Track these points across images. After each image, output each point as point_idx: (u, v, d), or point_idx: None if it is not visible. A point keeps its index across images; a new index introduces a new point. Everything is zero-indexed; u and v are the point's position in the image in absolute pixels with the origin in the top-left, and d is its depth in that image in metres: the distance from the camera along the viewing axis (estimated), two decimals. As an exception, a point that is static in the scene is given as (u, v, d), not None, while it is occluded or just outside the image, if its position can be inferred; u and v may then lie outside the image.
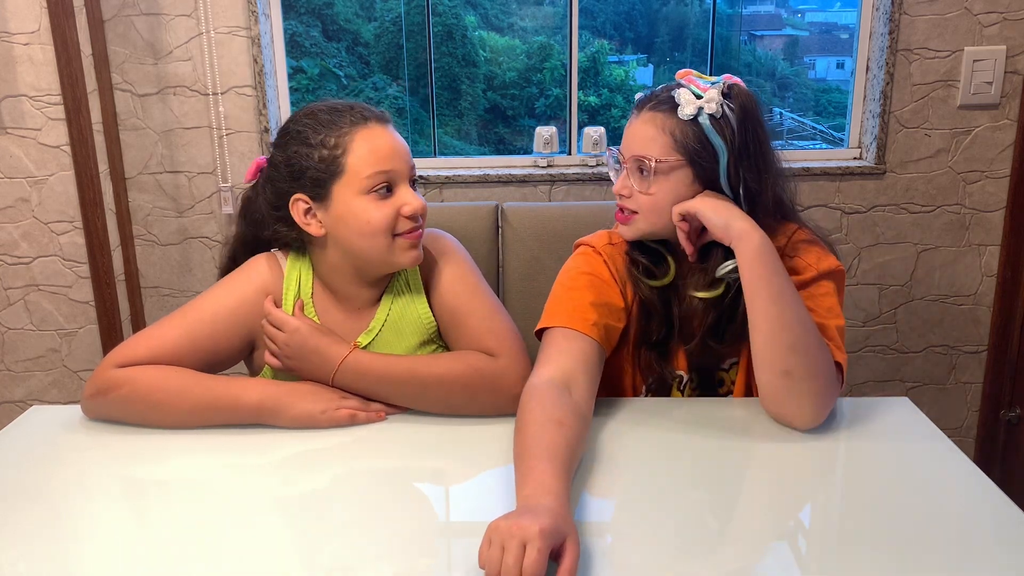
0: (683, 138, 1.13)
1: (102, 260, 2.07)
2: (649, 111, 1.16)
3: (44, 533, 0.91)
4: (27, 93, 2.07)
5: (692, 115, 1.12)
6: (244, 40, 2.04)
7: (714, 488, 0.99)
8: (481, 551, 0.80)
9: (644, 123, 1.15)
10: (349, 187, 1.14)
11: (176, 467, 1.05)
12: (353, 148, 1.14)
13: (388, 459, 1.08)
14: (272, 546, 0.88)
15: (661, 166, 1.14)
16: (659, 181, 1.14)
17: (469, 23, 2.54)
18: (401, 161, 1.16)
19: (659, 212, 1.16)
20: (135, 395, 1.11)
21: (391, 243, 1.15)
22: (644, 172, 1.15)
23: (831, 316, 1.17)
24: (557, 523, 0.81)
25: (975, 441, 2.31)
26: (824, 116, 2.52)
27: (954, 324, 2.21)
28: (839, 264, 1.22)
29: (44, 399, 2.29)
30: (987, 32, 2.00)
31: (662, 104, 1.15)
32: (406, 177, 1.16)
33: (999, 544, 0.87)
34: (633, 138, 1.16)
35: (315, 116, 1.16)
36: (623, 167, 1.18)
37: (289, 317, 1.17)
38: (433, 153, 2.26)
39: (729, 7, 2.46)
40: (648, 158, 1.14)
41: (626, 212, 1.18)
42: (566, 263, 1.27)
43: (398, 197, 1.15)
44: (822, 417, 1.10)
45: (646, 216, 1.16)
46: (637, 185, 1.16)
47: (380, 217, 1.13)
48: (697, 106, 1.12)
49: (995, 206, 2.11)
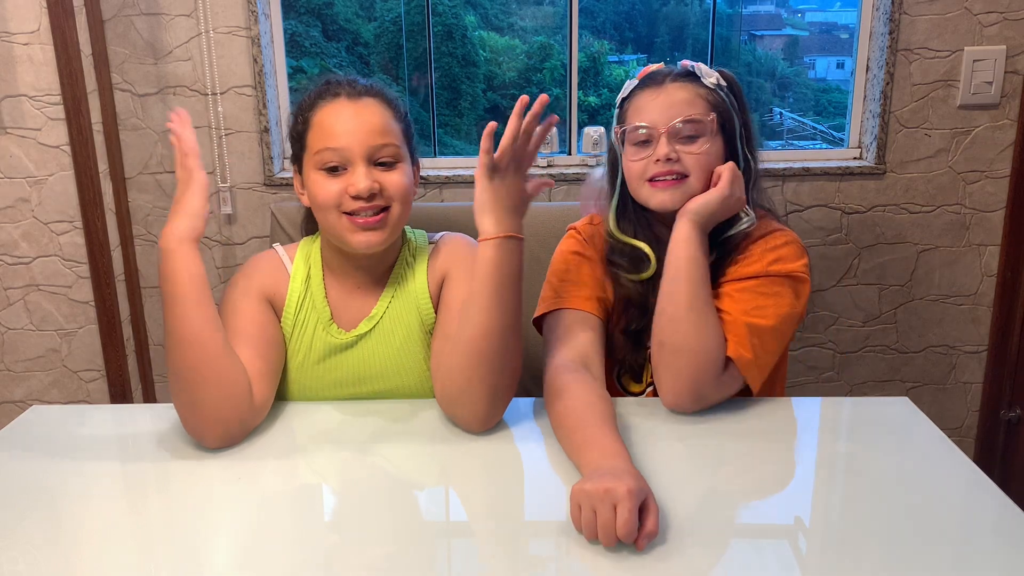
0: (716, 102, 1.20)
1: (102, 260, 2.06)
2: (674, 81, 1.21)
3: (44, 533, 0.91)
4: (27, 93, 2.07)
5: (716, 84, 1.21)
6: (244, 40, 2.04)
7: (713, 487, 0.99)
8: (573, 516, 0.87)
9: (677, 90, 1.21)
10: (309, 161, 1.18)
11: (175, 467, 1.05)
12: (313, 124, 1.18)
13: (389, 460, 1.08)
14: (272, 546, 0.88)
15: (712, 124, 1.19)
16: (707, 141, 1.19)
17: (469, 23, 2.54)
18: (352, 139, 1.14)
19: (709, 171, 1.20)
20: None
21: (339, 220, 1.16)
22: (691, 136, 1.19)
23: (754, 314, 1.15)
24: (640, 483, 0.87)
25: (975, 441, 2.31)
26: (824, 116, 2.52)
27: (954, 324, 2.21)
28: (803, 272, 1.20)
29: (44, 399, 2.29)
30: (987, 32, 2.00)
31: (683, 76, 1.22)
32: (361, 156, 1.14)
33: (999, 544, 0.87)
34: (671, 105, 1.19)
35: (307, 90, 1.22)
36: (657, 137, 1.19)
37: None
38: (433, 153, 2.26)
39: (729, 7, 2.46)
40: (701, 118, 1.19)
41: (672, 177, 1.19)
42: (563, 242, 1.34)
43: (350, 175, 1.15)
44: (693, 399, 1.12)
45: (699, 176, 1.19)
46: (685, 148, 1.19)
47: (325, 194, 1.15)
48: (716, 76, 1.22)
49: (995, 206, 2.11)
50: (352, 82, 1.19)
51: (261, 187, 2.13)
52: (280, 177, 2.12)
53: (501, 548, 0.88)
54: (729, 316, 1.15)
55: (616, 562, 0.84)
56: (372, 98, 1.18)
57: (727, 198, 1.17)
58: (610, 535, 0.84)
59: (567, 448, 1.02)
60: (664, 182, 1.19)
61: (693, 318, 1.13)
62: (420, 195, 2.12)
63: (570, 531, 0.88)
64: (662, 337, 1.15)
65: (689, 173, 1.19)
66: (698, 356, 1.11)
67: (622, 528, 0.83)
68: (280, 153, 2.16)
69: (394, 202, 1.16)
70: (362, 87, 1.18)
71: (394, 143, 1.17)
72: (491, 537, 0.91)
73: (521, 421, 1.14)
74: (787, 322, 1.17)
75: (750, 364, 1.13)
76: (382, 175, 1.15)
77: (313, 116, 1.17)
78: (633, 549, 0.85)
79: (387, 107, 1.19)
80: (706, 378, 1.12)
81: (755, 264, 1.19)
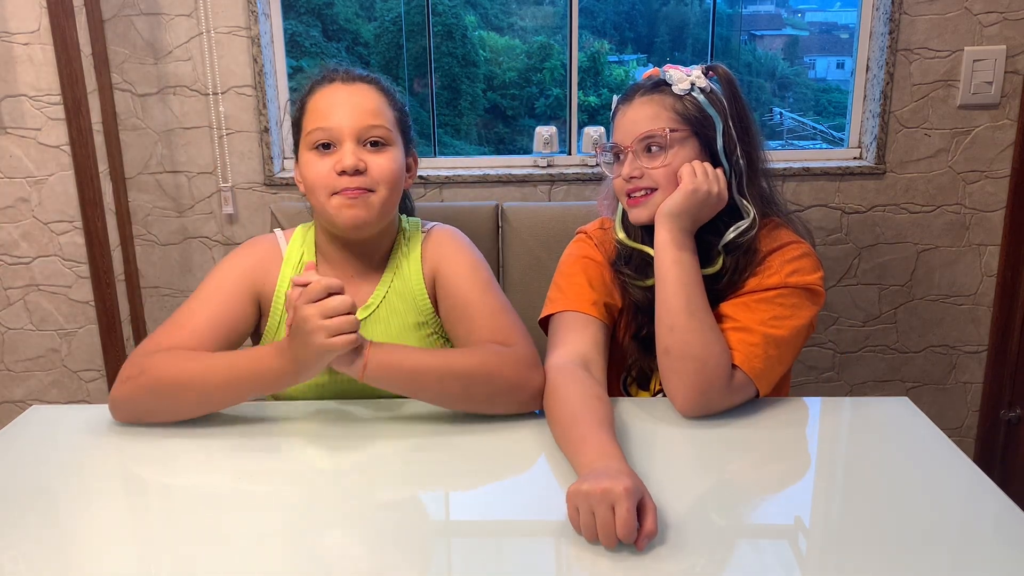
0: (684, 111, 1.19)
1: (102, 260, 2.06)
2: (642, 96, 1.21)
3: (43, 533, 0.91)
4: (27, 93, 2.07)
5: (687, 90, 1.19)
6: (244, 40, 2.04)
7: (713, 487, 0.99)
8: (571, 517, 0.87)
9: (642, 105, 1.20)
10: (303, 143, 1.19)
11: (176, 466, 1.05)
12: (308, 107, 1.20)
13: (386, 459, 1.08)
14: (271, 547, 0.88)
15: (674, 136, 1.18)
16: (672, 152, 1.18)
17: (469, 23, 2.54)
18: (344, 117, 1.16)
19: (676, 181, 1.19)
20: (161, 380, 1.10)
21: (329, 200, 1.17)
22: (654, 149, 1.19)
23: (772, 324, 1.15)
24: (635, 482, 0.87)
25: (975, 441, 2.31)
26: (824, 116, 2.52)
27: (954, 324, 2.21)
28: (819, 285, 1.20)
29: (44, 399, 2.29)
30: (987, 32, 2.00)
31: (653, 88, 1.21)
32: (351, 135, 1.16)
33: (999, 544, 0.87)
34: (634, 122, 1.20)
35: (308, 78, 1.24)
36: (625, 153, 1.21)
37: (326, 282, 1.11)
38: (433, 153, 2.26)
39: (729, 7, 2.46)
40: (659, 131, 1.18)
41: (641, 193, 1.20)
42: (570, 246, 1.35)
43: (338, 153, 1.16)
44: (699, 405, 1.11)
45: (666, 187, 1.19)
46: (648, 163, 1.19)
47: (316, 173, 1.17)
48: (689, 81, 1.20)
49: (995, 206, 2.11)
50: (348, 69, 1.22)
51: (261, 187, 2.13)
52: (280, 177, 2.12)
53: (501, 548, 0.88)
54: (746, 326, 1.15)
55: (616, 562, 0.84)
56: (366, 84, 1.21)
57: (692, 193, 1.15)
58: (610, 535, 0.83)
59: (563, 446, 1.02)
60: (636, 198, 1.21)
61: (694, 325, 1.12)
62: (420, 195, 2.12)
63: (569, 531, 0.88)
64: (665, 344, 1.15)
65: (657, 186, 1.19)
66: (705, 363, 1.11)
67: (622, 528, 0.83)
68: (280, 153, 2.16)
69: (380, 185, 1.17)
70: (358, 74, 1.22)
71: (384, 125, 1.19)
72: (491, 537, 0.91)
73: (521, 421, 1.14)
74: (801, 334, 1.18)
75: (761, 374, 1.13)
76: (370, 155, 1.17)
77: (309, 100, 1.21)
78: (633, 549, 0.85)
79: (381, 93, 1.22)
80: (715, 385, 1.11)
81: (774, 276, 1.19)
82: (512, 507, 0.96)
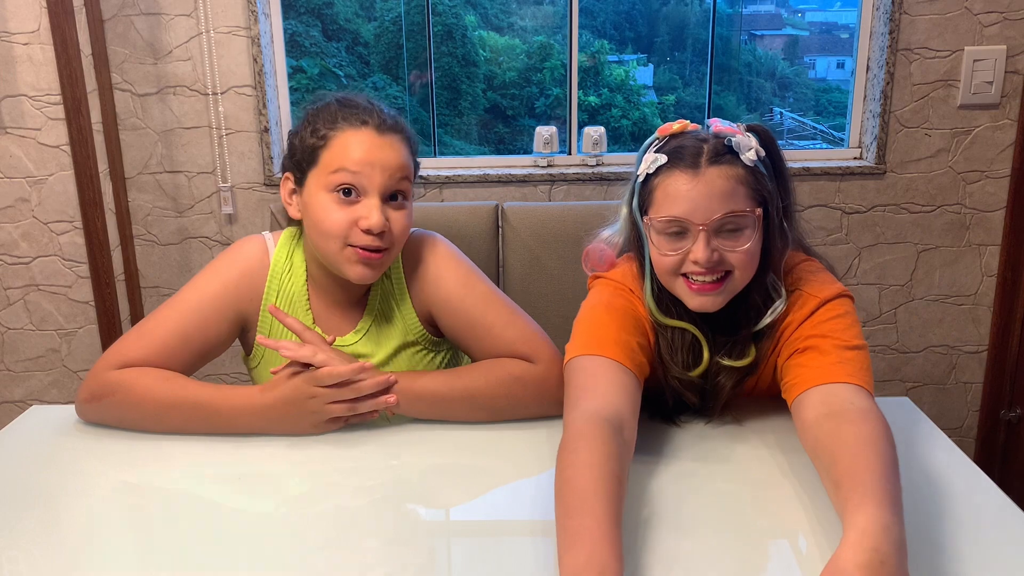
0: (754, 185, 1.06)
1: (102, 260, 2.06)
2: (712, 166, 1.04)
3: (43, 533, 0.91)
4: (27, 93, 2.07)
5: (754, 161, 1.05)
6: (244, 40, 2.04)
7: (714, 487, 0.99)
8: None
9: (717, 179, 1.04)
10: (318, 179, 1.14)
11: (175, 468, 1.05)
12: (333, 144, 1.13)
13: (389, 462, 1.08)
14: (270, 547, 0.88)
15: (757, 217, 1.05)
16: (751, 233, 1.05)
17: (469, 23, 2.54)
18: (374, 171, 1.12)
19: (755, 263, 1.07)
20: (128, 403, 1.11)
21: (341, 250, 1.13)
22: (736, 230, 1.05)
23: (845, 340, 1.06)
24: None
25: (975, 441, 2.31)
26: (824, 116, 2.52)
27: (954, 324, 2.21)
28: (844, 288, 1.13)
29: (44, 399, 2.29)
30: (987, 32, 2.00)
31: (721, 156, 1.05)
32: (378, 189, 1.12)
33: (999, 544, 0.87)
34: (711, 197, 1.04)
35: (328, 105, 1.17)
36: (696, 233, 1.04)
37: (344, 369, 1.08)
38: (433, 153, 2.26)
39: (729, 7, 2.46)
40: (748, 212, 1.04)
41: (713, 278, 1.05)
42: (598, 291, 1.17)
43: (362, 207, 1.12)
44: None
45: (745, 272, 1.06)
46: (730, 244, 1.05)
47: (334, 220, 1.12)
48: (754, 151, 1.06)
49: (995, 206, 2.11)
50: (379, 112, 1.16)
51: (261, 187, 2.14)
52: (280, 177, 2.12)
53: (501, 549, 0.88)
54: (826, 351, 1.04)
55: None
56: (397, 136, 1.16)
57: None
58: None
59: (557, 524, 0.85)
60: (705, 284, 1.05)
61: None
62: (420, 195, 2.12)
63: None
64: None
65: (733, 269, 1.05)
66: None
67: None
68: (280, 153, 2.16)
69: (395, 244, 1.16)
70: (391, 123, 1.16)
71: (408, 178, 1.17)
72: (490, 538, 0.91)
73: (521, 421, 1.14)
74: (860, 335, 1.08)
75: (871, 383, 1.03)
76: (392, 212, 1.14)
77: (334, 136, 1.13)
78: (633, 549, 0.85)
79: (407, 145, 1.18)
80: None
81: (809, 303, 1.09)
82: (512, 507, 0.96)
